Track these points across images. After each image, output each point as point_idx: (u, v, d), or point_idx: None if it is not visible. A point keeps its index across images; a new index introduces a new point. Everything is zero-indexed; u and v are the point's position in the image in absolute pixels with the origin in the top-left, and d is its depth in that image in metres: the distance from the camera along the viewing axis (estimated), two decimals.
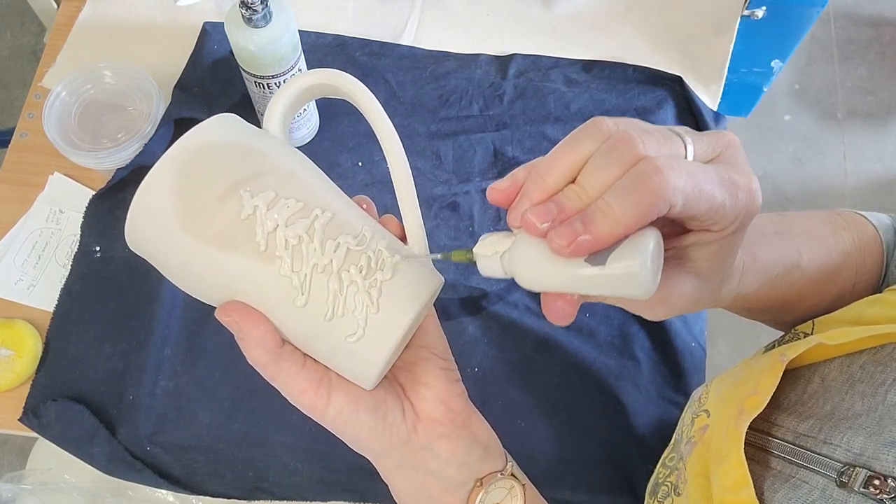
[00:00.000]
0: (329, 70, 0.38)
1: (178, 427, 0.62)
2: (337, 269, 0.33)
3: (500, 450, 0.41)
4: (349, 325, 0.34)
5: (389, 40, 0.82)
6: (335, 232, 0.34)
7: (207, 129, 0.35)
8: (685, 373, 0.65)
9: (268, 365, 0.34)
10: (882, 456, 0.33)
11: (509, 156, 0.75)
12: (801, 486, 0.36)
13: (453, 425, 0.38)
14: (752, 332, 1.50)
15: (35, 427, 0.62)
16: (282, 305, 0.33)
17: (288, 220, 0.33)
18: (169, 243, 0.33)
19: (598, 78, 0.80)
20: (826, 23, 1.83)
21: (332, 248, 0.34)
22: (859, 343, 0.39)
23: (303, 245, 0.33)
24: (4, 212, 0.72)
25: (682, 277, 0.36)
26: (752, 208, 0.32)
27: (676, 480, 0.45)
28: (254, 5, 0.59)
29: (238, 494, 0.62)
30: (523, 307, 0.68)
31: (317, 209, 0.34)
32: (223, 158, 0.34)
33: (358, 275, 0.34)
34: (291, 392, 0.35)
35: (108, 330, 0.66)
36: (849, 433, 0.35)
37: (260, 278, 0.33)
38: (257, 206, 0.33)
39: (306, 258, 0.33)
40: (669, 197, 0.28)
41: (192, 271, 0.34)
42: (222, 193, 0.33)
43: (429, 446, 0.37)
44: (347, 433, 0.36)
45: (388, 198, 0.72)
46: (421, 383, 0.38)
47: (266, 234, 0.33)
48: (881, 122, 1.73)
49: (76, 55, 0.80)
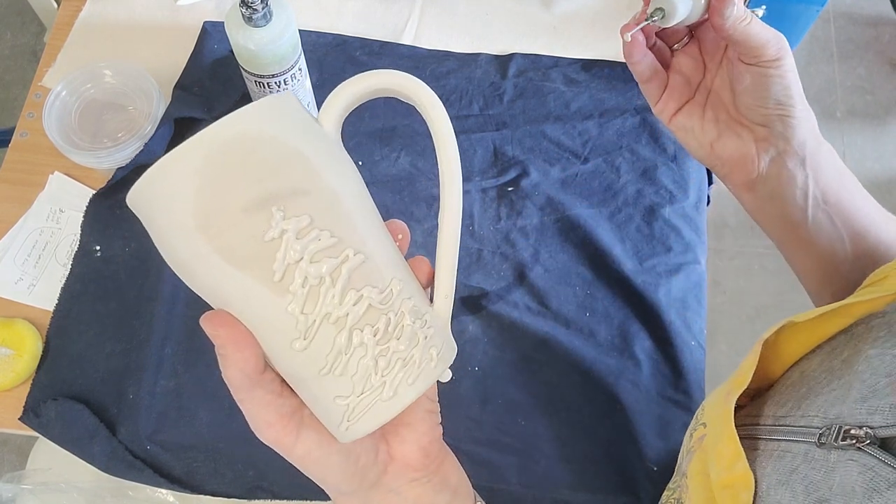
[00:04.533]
0: (406, 76, 0.35)
1: (178, 426, 0.62)
2: (350, 326, 0.30)
3: (469, 491, 0.40)
4: (343, 387, 0.30)
5: (389, 40, 0.82)
6: (361, 281, 0.30)
7: (258, 113, 0.29)
8: (685, 372, 0.65)
9: (241, 389, 0.31)
10: (855, 412, 0.34)
11: (509, 155, 0.75)
12: (784, 456, 0.37)
13: (426, 471, 0.36)
14: (752, 332, 1.50)
15: (35, 426, 0.62)
16: (277, 341, 0.30)
17: (314, 256, 0.29)
18: (177, 234, 0.29)
19: (598, 77, 0.80)
20: (826, 22, 1.83)
21: (353, 301, 0.30)
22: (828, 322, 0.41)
23: (322, 287, 0.29)
24: (4, 211, 0.72)
25: (736, 130, 0.47)
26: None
27: (679, 495, 0.46)
28: (254, 4, 0.59)
29: (238, 493, 0.62)
30: (523, 307, 0.68)
31: (349, 250, 0.30)
32: (263, 160, 0.29)
33: (371, 338, 0.30)
34: (257, 423, 0.31)
35: (109, 329, 0.66)
36: (824, 404, 0.37)
37: (263, 307, 0.29)
38: (286, 230, 0.28)
39: (321, 304, 0.29)
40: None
41: (195, 271, 0.30)
42: (251, 204, 0.28)
43: (397, 490, 0.36)
44: (313, 472, 0.34)
45: (389, 197, 0.73)
46: (403, 424, 0.36)
47: (285, 266, 0.29)
48: (880, 122, 1.73)
49: (76, 55, 0.80)
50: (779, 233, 0.51)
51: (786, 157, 0.46)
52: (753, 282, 1.54)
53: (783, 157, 0.47)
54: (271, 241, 0.28)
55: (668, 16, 0.44)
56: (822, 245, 0.48)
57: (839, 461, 0.33)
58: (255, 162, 0.29)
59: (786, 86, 0.45)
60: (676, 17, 0.44)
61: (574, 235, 0.71)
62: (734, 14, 0.43)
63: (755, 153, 0.47)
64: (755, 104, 0.46)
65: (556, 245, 0.71)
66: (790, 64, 0.45)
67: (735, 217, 1.59)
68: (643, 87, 0.51)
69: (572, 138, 0.76)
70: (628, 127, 0.76)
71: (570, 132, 0.76)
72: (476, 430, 0.64)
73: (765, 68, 0.44)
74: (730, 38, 0.44)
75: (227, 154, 0.28)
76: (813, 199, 0.47)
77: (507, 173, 0.74)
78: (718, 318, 1.51)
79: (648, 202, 0.73)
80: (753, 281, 1.54)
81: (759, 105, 0.46)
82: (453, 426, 0.63)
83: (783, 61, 0.44)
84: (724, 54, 0.48)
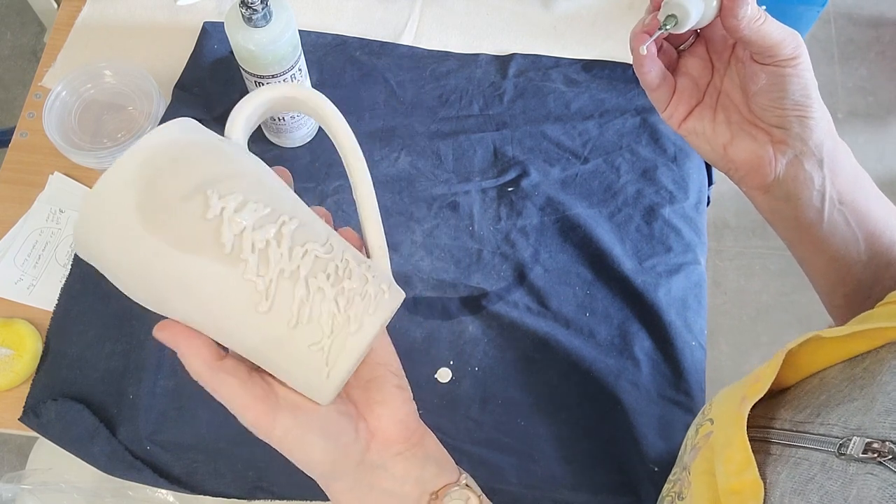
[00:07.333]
0: (295, 85, 0.38)
1: (178, 426, 0.62)
2: (304, 276, 0.32)
3: (453, 466, 0.41)
4: (314, 333, 0.33)
5: (389, 40, 0.82)
6: (303, 239, 0.33)
7: (169, 130, 0.34)
8: (685, 372, 0.65)
9: (209, 378, 0.33)
10: (878, 424, 0.33)
11: (509, 155, 0.75)
12: (801, 464, 0.36)
13: (408, 443, 0.38)
14: (752, 332, 1.50)
15: (35, 426, 0.62)
16: (243, 311, 0.32)
17: (255, 224, 0.32)
18: (126, 242, 0.31)
19: (598, 78, 0.80)
20: (826, 23, 1.83)
21: (300, 255, 0.33)
22: (855, 342, 0.39)
23: (269, 250, 0.32)
24: (4, 211, 0.72)
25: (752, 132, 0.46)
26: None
27: (680, 488, 0.46)
28: (254, 5, 0.59)
29: (238, 494, 0.62)
30: (523, 307, 0.68)
31: (284, 216, 0.33)
32: (189, 157, 0.33)
33: (325, 282, 0.33)
34: (234, 406, 0.33)
35: (109, 329, 0.66)
36: (845, 414, 0.36)
37: (222, 282, 0.31)
38: (224, 207, 0.31)
39: (273, 263, 0.32)
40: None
41: (149, 273, 0.32)
42: (187, 192, 0.31)
43: (383, 465, 0.37)
44: (297, 455, 0.35)
45: (388, 197, 0.73)
46: (376, 402, 0.37)
47: (232, 237, 0.31)
48: (881, 123, 1.73)
49: (76, 55, 0.80)
50: (792, 233, 0.50)
51: (803, 159, 0.45)
52: (754, 282, 1.54)
53: (801, 158, 0.45)
54: (213, 219, 0.31)
55: (681, 22, 0.43)
56: (837, 246, 0.47)
57: (858, 474, 0.32)
58: (182, 158, 0.32)
59: (804, 85, 0.43)
60: (689, 23, 0.42)
61: (574, 235, 0.71)
62: (748, 14, 0.41)
63: (772, 156, 0.46)
64: (772, 105, 0.44)
65: (556, 245, 0.71)
66: (807, 62, 0.43)
67: (735, 217, 1.59)
68: (651, 95, 0.49)
69: (572, 138, 0.76)
70: (628, 127, 0.76)
71: (570, 132, 0.76)
72: (476, 430, 0.63)
73: (781, 67, 0.43)
74: (744, 38, 0.42)
75: (156, 157, 0.32)
76: (829, 200, 0.46)
77: (507, 173, 0.74)
78: (719, 318, 1.51)
79: (648, 202, 0.73)
80: (754, 281, 1.54)
81: (776, 106, 0.44)
82: (453, 426, 0.64)
83: (800, 59, 0.43)
84: (732, 52, 0.47)
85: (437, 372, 0.65)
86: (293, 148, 0.75)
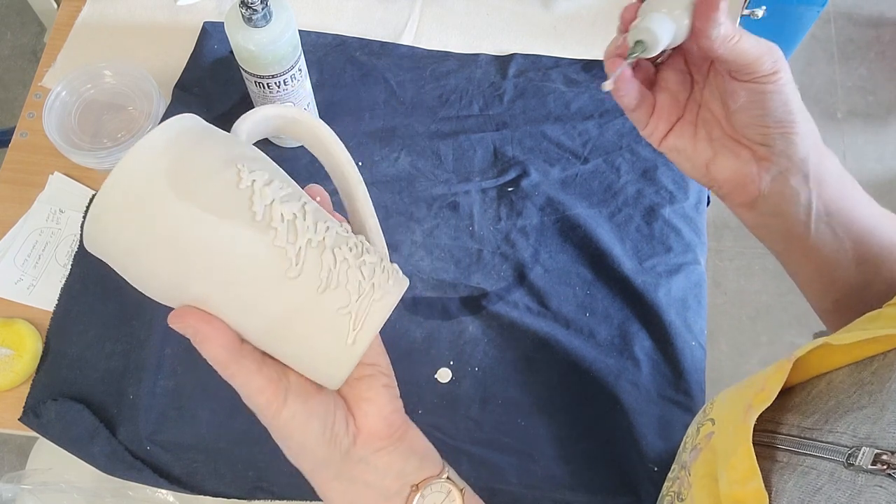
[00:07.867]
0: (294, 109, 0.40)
1: (178, 426, 0.62)
2: (330, 246, 0.34)
3: (437, 459, 0.42)
4: (341, 298, 0.34)
5: (389, 40, 0.82)
6: (323, 217, 0.36)
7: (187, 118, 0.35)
8: (685, 372, 0.65)
9: (228, 363, 0.34)
10: (888, 435, 0.33)
11: (509, 155, 0.75)
12: (809, 473, 0.36)
13: (391, 439, 0.39)
14: (752, 332, 1.50)
15: (35, 426, 0.62)
16: (272, 277, 0.33)
17: (283, 198, 0.34)
18: (156, 207, 0.32)
19: (599, 78, 0.80)
20: (826, 23, 1.83)
21: (324, 229, 0.35)
22: (865, 346, 0.39)
23: (297, 221, 0.34)
24: (4, 212, 0.72)
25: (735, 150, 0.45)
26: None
27: (679, 488, 0.45)
28: (254, 5, 0.59)
29: (238, 494, 0.62)
30: (523, 307, 0.68)
31: (304, 197, 0.36)
32: (214, 137, 0.35)
33: (349, 253, 0.35)
34: (249, 389, 0.35)
35: (109, 329, 0.66)
36: (854, 422, 0.35)
37: (253, 247, 0.33)
38: (255, 180, 0.33)
39: (301, 233, 0.34)
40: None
41: (176, 240, 0.32)
42: (219, 165, 0.33)
43: (366, 459, 0.38)
44: (295, 438, 0.36)
45: (388, 197, 0.73)
46: (364, 399, 0.38)
47: (263, 206, 0.33)
48: (881, 122, 1.73)
49: (76, 55, 0.80)
50: (779, 245, 0.49)
51: (788, 175, 0.44)
52: (754, 282, 1.54)
53: (786, 175, 0.44)
54: (245, 189, 0.33)
55: (650, 48, 0.41)
56: (824, 255, 0.47)
57: (866, 485, 0.32)
58: (208, 138, 0.34)
59: (784, 101, 0.42)
60: (659, 47, 0.41)
61: (574, 235, 0.71)
62: (721, 34, 0.39)
63: (756, 173, 0.45)
64: (753, 122, 0.43)
65: (556, 245, 0.71)
66: (787, 76, 0.42)
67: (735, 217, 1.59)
68: (630, 116, 0.48)
69: (572, 138, 0.76)
70: (628, 127, 0.76)
71: (570, 132, 0.76)
72: (476, 430, 0.63)
73: (761, 84, 0.41)
74: (720, 58, 0.41)
75: (183, 135, 0.34)
76: (816, 213, 0.45)
77: (507, 173, 0.74)
78: (719, 318, 1.51)
79: (648, 202, 0.73)
80: (754, 281, 1.54)
81: (757, 123, 0.43)
82: (453, 426, 0.64)
83: (780, 74, 0.41)
84: (711, 64, 0.45)
85: (437, 372, 0.65)
86: (293, 148, 0.75)
